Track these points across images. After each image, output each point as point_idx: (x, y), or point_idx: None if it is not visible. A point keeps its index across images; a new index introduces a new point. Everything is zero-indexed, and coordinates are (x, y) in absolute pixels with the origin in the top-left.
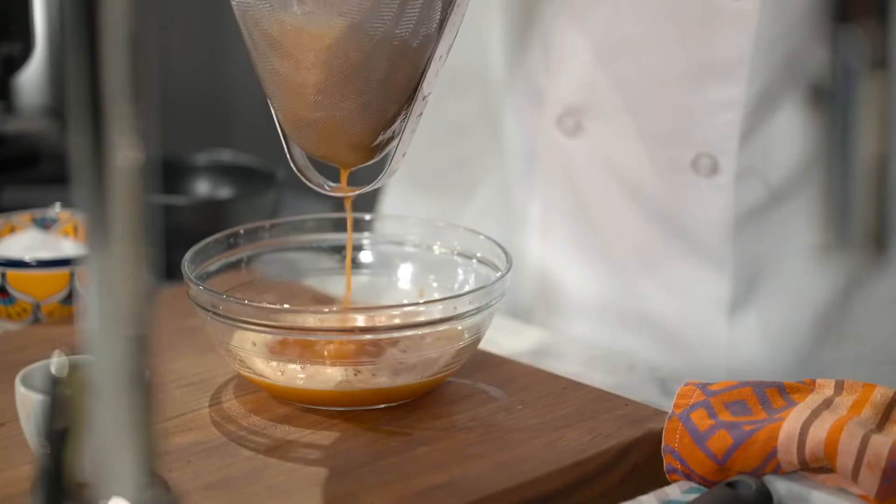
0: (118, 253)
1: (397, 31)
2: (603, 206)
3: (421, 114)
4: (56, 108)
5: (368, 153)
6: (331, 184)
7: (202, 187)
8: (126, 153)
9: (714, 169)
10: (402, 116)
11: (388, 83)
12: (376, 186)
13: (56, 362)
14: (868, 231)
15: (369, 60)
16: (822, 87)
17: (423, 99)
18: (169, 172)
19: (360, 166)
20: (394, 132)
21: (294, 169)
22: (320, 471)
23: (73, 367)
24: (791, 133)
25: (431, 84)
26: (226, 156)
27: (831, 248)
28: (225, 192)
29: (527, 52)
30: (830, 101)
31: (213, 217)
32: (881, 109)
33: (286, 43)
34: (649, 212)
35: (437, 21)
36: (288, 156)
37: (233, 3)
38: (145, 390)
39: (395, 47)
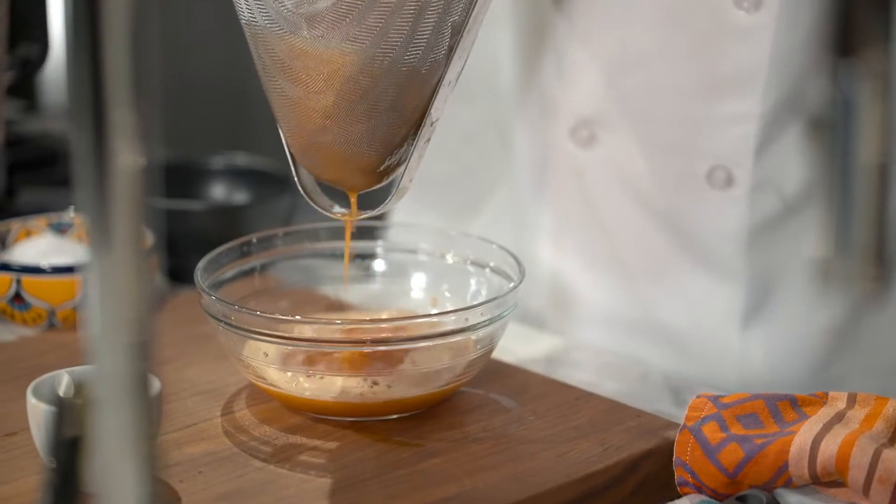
0: (120, 257)
1: (406, 58)
2: (616, 218)
3: (429, 139)
4: None
5: (375, 177)
6: (337, 207)
7: (218, 191)
8: (128, 157)
9: (729, 182)
10: (409, 141)
11: (397, 109)
12: (382, 211)
13: (65, 384)
14: (869, 256)
15: (377, 86)
16: (822, 120)
17: (431, 125)
18: (184, 176)
19: (366, 190)
20: (401, 157)
21: (301, 191)
22: (330, 482)
23: (81, 384)
24: (806, 146)
25: (440, 110)
26: (241, 160)
27: (832, 275)
28: (240, 196)
29: (538, 61)
30: (831, 133)
31: (228, 222)
32: (881, 136)
33: (295, 66)
34: (662, 223)
35: (445, 47)
36: (295, 178)
37: (243, 24)
38: (148, 397)
39: (404, 73)
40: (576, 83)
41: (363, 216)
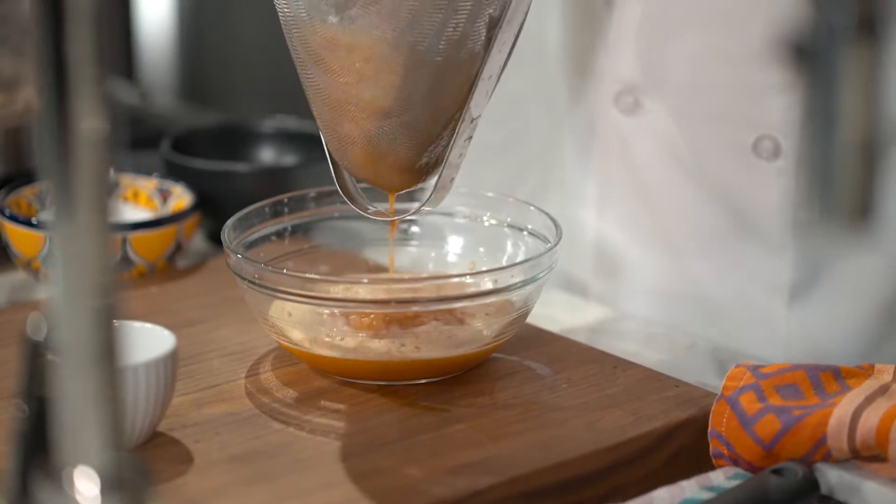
0: (84, 223)
1: (440, 47)
2: (661, 186)
3: (470, 137)
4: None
5: (413, 176)
6: (375, 205)
7: (267, 154)
8: (92, 122)
9: (776, 152)
10: (447, 139)
11: (432, 102)
12: (421, 212)
13: (32, 322)
14: (853, 206)
15: (410, 76)
16: (804, 47)
17: (472, 121)
18: (234, 139)
19: (406, 191)
20: (440, 155)
21: (340, 193)
22: (349, 445)
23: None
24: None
25: (480, 106)
26: (291, 123)
27: (814, 223)
28: (289, 159)
29: (583, 26)
30: (814, 62)
31: (273, 184)
32: (867, 75)
33: (326, 57)
34: (708, 193)
35: (483, 39)
36: (335, 181)
37: (279, 15)
38: (111, 361)
39: (437, 64)
40: (621, 48)
41: (400, 217)
